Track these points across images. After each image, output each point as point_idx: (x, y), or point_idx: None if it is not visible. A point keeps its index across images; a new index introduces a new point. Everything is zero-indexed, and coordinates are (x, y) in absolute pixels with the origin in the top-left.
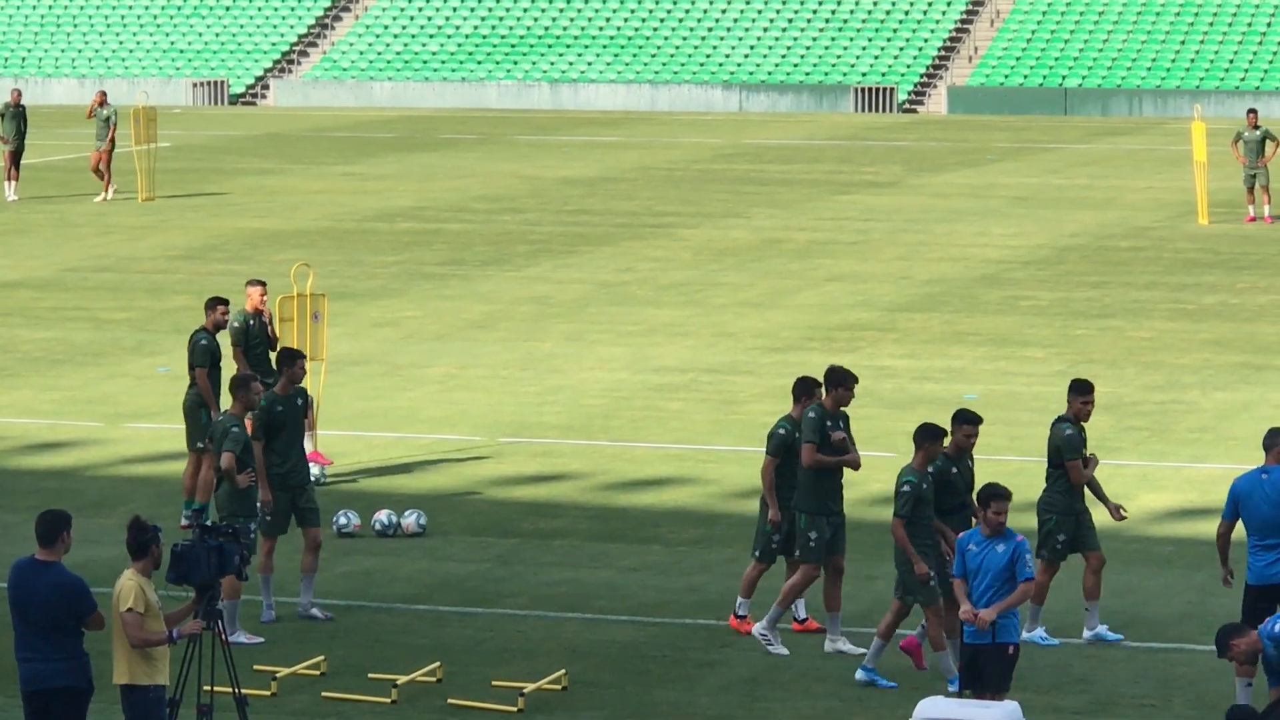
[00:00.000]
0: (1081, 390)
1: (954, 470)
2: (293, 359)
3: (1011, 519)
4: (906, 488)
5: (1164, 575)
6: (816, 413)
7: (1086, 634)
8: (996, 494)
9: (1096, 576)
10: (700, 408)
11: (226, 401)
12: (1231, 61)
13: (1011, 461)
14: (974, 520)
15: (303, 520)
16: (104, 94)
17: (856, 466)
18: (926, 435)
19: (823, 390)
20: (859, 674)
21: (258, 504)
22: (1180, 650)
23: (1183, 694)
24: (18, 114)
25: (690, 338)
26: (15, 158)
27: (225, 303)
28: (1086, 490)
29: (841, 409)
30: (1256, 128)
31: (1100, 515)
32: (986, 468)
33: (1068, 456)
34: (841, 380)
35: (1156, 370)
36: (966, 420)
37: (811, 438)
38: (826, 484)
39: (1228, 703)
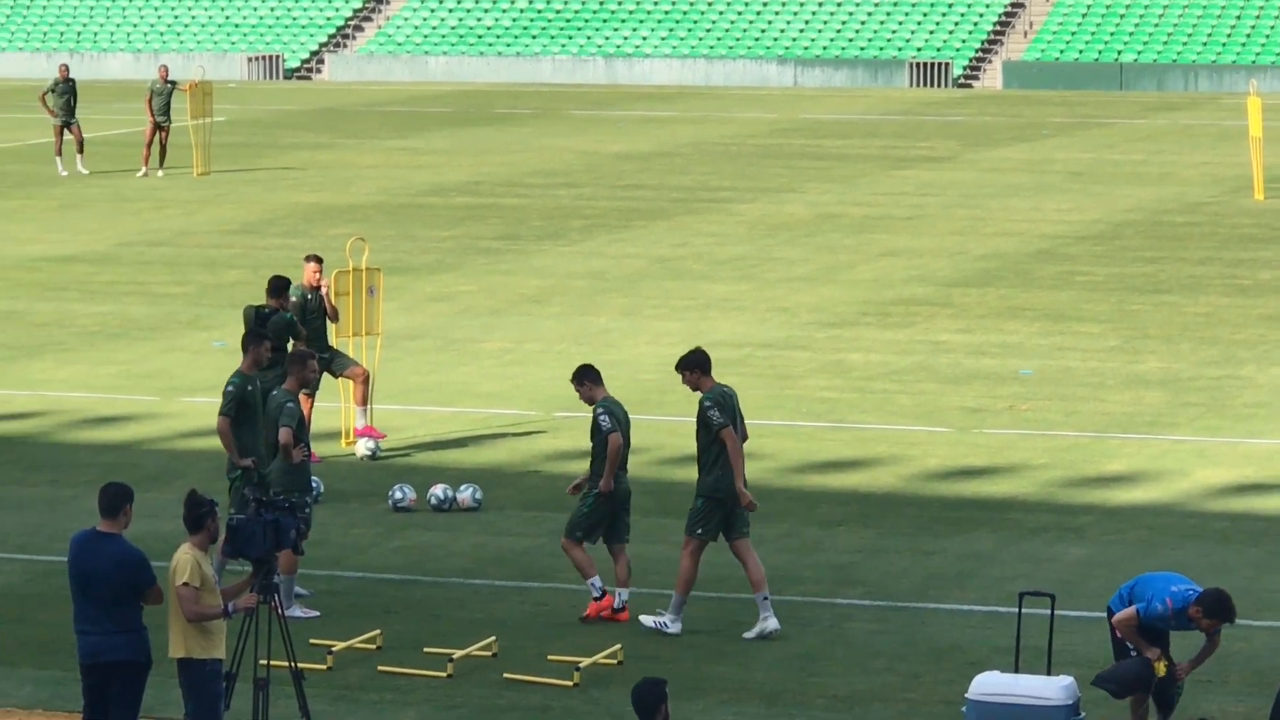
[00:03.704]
0: None
1: None
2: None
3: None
4: None
5: (1220, 551)
6: None
7: None
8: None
9: None
10: (755, 382)
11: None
12: None
13: (1066, 436)
14: None
15: None
16: (166, 69)
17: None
18: None
19: None
20: None
21: (313, 480)
22: (1235, 627)
23: (1239, 670)
24: (67, 89)
25: (745, 312)
26: (66, 133)
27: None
28: None
29: None
30: None
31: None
32: (1039, 442)
33: None
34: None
35: (1212, 345)
36: None
37: None
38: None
39: None
